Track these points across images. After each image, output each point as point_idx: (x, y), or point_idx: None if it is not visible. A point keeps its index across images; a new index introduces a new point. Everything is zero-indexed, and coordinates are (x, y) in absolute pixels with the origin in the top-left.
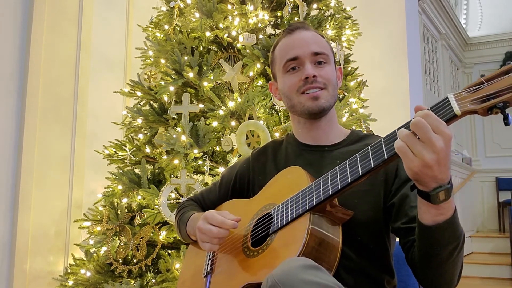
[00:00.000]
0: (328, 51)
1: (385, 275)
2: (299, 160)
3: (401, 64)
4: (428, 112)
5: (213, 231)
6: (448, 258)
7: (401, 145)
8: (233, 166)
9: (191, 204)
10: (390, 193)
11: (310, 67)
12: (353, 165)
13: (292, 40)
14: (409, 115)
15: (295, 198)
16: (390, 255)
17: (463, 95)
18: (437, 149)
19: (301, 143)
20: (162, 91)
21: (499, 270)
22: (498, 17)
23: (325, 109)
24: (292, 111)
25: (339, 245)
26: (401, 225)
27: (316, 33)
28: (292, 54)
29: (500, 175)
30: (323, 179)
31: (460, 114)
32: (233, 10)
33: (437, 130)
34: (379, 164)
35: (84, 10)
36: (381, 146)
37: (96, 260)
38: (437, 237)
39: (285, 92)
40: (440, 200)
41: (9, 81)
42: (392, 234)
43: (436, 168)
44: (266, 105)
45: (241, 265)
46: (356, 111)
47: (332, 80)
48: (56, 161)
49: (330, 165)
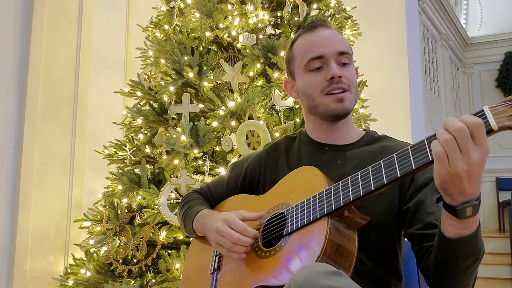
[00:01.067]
0: (350, 51)
1: (393, 279)
2: (312, 159)
3: (401, 64)
4: (477, 121)
5: (234, 237)
6: (465, 271)
7: (441, 151)
8: (244, 159)
9: (197, 198)
10: (405, 198)
11: (335, 67)
12: (376, 171)
13: (314, 37)
14: (409, 115)
15: (312, 200)
16: (399, 259)
17: (500, 109)
18: (472, 161)
19: (315, 141)
20: (162, 91)
21: (499, 270)
22: (498, 17)
23: (349, 112)
24: (312, 111)
25: (355, 250)
26: (415, 231)
27: (337, 32)
28: (317, 52)
29: (500, 175)
30: (342, 184)
31: (497, 129)
32: (233, 10)
33: (478, 142)
34: (406, 173)
35: (84, 10)
36: (408, 155)
37: (96, 260)
38: (458, 250)
39: (306, 91)
40: (466, 216)
41: (9, 81)
42: (404, 238)
43: (466, 181)
44: (266, 105)
45: (251, 265)
46: (356, 111)
47: (355, 81)
48: (56, 161)
49: (344, 165)
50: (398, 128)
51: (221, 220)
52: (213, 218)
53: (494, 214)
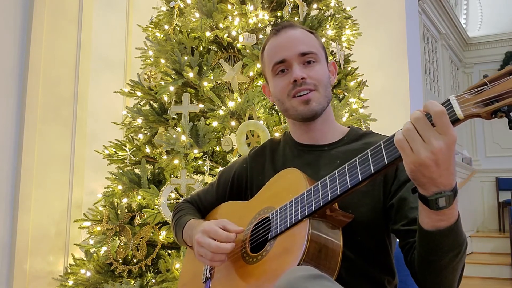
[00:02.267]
0: (317, 49)
1: (386, 276)
2: (297, 161)
3: (401, 64)
4: (438, 109)
5: (212, 246)
6: (448, 265)
7: (400, 139)
8: (231, 166)
9: (187, 207)
10: (389, 194)
11: (298, 69)
12: (352, 169)
13: (278, 41)
14: (409, 115)
15: (294, 202)
16: (390, 256)
17: (466, 97)
18: (435, 149)
19: (298, 143)
20: (162, 91)
21: (499, 270)
22: (498, 17)
23: (317, 112)
24: (286, 114)
25: (340, 249)
26: (400, 227)
27: (304, 31)
28: (279, 56)
29: (500, 175)
30: (321, 184)
31: (463, 118)
32: (233, 10)
33: (441, 130)
34: (379, 169)
35: (84, 10)
36: (381, 150)
37: (96, 260)
38: (438, 243)
39: (277, 95)
40: (440, 207)
41: (9, 81)
42: (392, 234)
43: (435, 169)
44: (266, 105)
45: (241, 271)
46: (356, 111)
47: (323, 80)
48: (56, 161)
49: (329, 165)
50: (398, 128)
51: (200, 231)
52: (196, 230)
53: (494, 214)
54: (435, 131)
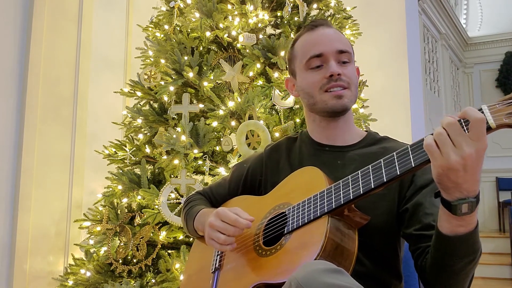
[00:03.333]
0: (351, 50)
1: (393, 280)
2: (313, 160)
3: (401, 64)
4: (479, 116)
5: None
6: (461, 270)
7: (430, 143)
8: (245, 160)
9: (199, 198)
10: (404, 199)
11: (335, 65)
12: (377, 170)
13: (315, 36)
14: (409, 115)
15: (313, 199)
16: (400, 260)
17: (498, 107)
18: (465, 154)
19: (316, 142)
20: (162, 91)
21: (499, 270)
22: (498, 17)
23: (348, 108)
24: (311, 108)
25: (355, 250)
26: (413, 231)
27: (338, 31)
28: (317, 50)
29: (500, 175)
30: (343, 183)
31: (494, 127)
32: (233, 10)
33: (475, 137)
34: (405, 171)
35: (84, 10)
36: (408, 153)
37: (96, 260)
38: (454, 248)
39: (306, 89)
40: (462, 213)
41: (9, 81)
42: (403, 239)
43: (462, 174)
44: (266, 105)
45: (252, 263)
46: (356, 111)
47: (354, 80)
48: (56, 161)
49: (345, 166)
50: (398, 128)
51: (213, 215)
52: (210, 215)
53: (494, 214)
54: (467, 137)
